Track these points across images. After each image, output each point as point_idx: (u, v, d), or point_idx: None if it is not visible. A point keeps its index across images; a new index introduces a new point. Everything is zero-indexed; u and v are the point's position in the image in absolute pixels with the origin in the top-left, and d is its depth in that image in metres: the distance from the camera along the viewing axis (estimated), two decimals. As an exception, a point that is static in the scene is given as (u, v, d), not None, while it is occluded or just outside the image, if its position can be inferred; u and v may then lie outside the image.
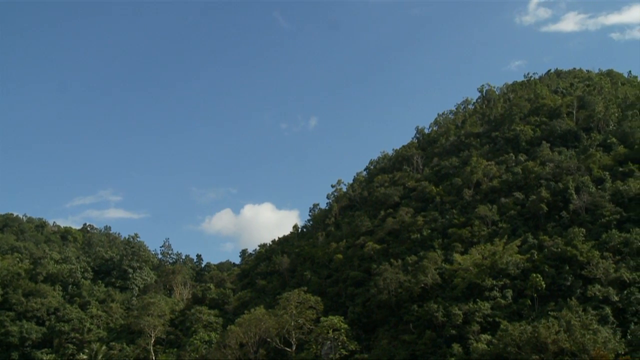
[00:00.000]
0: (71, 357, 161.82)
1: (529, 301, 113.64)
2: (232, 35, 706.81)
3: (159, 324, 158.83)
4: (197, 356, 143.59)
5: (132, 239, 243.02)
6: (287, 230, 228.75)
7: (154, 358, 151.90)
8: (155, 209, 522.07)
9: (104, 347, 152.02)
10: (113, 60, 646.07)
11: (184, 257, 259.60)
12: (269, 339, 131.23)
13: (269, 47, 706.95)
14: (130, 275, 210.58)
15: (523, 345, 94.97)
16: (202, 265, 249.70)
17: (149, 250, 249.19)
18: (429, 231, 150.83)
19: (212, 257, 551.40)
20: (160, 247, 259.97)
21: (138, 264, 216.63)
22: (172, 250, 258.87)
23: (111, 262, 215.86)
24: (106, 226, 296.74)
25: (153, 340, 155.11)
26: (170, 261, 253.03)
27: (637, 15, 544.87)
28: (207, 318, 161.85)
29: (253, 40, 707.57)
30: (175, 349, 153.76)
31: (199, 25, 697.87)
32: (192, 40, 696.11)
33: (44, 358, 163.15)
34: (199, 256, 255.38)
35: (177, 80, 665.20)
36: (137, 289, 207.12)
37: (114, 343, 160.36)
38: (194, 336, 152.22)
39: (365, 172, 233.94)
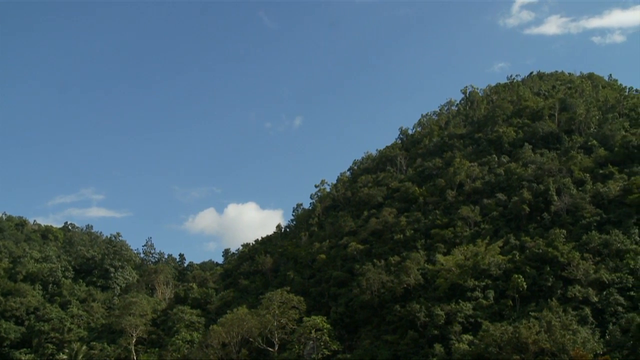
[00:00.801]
0: (51, 357, 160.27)
1: (511, 302, 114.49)
2: (217, 34, 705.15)
3: (141, 323, 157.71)
4: (179, 356, 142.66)
5: (114, 238, 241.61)
6: (271, 230, 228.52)
7: (135, 358, 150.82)
8: (138, 207, 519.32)
9: (84, 347, 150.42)
10: (97, 59, 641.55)
11: (166, 256, 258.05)
12: (251, 339, 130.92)
13: (254, 46, 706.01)
14: (112, 275, 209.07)
15: (504, 346, 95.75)
16: (185, 265, 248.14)
17: (131, 250, 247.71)
18: (412, 232, 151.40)
19: (195, 257, 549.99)
20: (143, 246, 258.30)
21: (120, 263, 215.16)
22: (154, 249, 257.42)
23: (93, 261, 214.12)
24: (88, 225, 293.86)
25: (134, 340, 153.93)
26: (153, 260, 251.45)
27: (617, 19, 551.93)
28: (190, 318, 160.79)
29: (238, 40, 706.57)
30: (157, 349, 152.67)
31: (184, 24, 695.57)
32: (176, 40, 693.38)
33: (23, 358, 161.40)
34: (181, 255, 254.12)
35: (161, 80, 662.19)
36: (118, 288, 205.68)
37: (94, 343, 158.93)
38: (176, 336, 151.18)
39: (348, 173, 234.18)
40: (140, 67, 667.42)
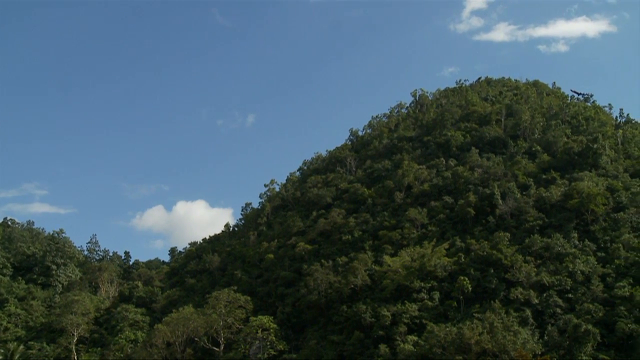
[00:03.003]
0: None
1: (455, 303, 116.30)
2: (170, 30, 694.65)
3: (83, 322, 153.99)
4: (121, 355, 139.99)
5: (57, 235, 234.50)
6: (221, 229, 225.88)
7: (75, 357, 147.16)
8: (83, 204, 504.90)
9: (21, 347, 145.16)
10: (44, 55, 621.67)
11: (111, 253, 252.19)
12: (196, 339, 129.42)
13: (207, 43, 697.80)
14: (54, 272, 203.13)
15: (448, 346, 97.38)
16: (130, 263, 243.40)
17: (75, 247, 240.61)
18: (360, 233, 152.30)
19: (141, 255, 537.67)
20: (87, 243, 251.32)
21: (62, 261, 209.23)
22: (99, 246, 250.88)
23: (33, 258, 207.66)
24: (29, 221, 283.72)
25: (75, 339, 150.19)
26: (97, 258, 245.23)
27: (561, 29, 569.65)
28: (134, 316, 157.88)
29: (191, 37, 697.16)
30: (99, 348, 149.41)
31: (136, 20, 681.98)
32: (128, 35, 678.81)
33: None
34: (127, 253, 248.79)
35: (112, 76, 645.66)
36: (60, 286, 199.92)
37: (32, 342, 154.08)
38: (119, 335, 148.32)
39: (298, 173, 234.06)
40: (90, 63, 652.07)
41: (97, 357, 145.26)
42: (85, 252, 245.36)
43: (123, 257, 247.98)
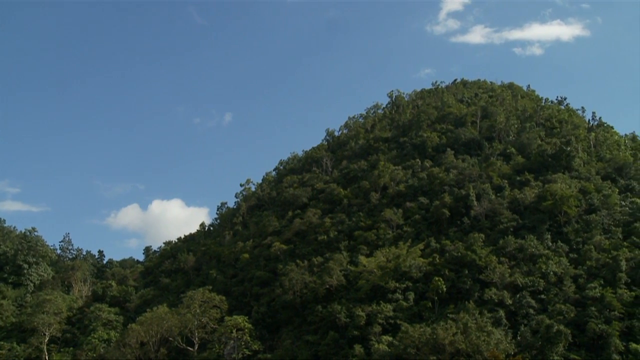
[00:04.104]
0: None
1: (430, 303, 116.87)
2: (147, 29, 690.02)
3: (55, 322, 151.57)
4: (94, 355, 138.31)
5: (29, 233, 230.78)
6: (196, 228, 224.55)
7: (47, 357, 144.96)
8: (57, 202, 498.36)
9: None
10: (20, 54, 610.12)
11: (84, 252, 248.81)
12: (171, 338, 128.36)
13: (184, 41, 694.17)
14: (25, 271, 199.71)
15: (422, 347, 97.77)
16: (104, 262, 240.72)
17: (47, 245, 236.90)
18: (336, 233, 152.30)
19: (116, 254, 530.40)
20: (60, 242, 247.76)
21: (34, 259, 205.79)
22: (72, 245, 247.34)
23: (4, 257, 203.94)
24: (0, 219, 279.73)
25: (47, 339, 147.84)
26: (70, 257, 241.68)
27: (536, 33, 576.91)
28: (107, 316, 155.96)
29: (168, 35, 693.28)
30: (71, 348, 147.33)
31: (112, 18, 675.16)
32: (103, 34, 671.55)
33: None
34: (100, 252, 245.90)
35: (87, 74, 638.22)
36: (32, 285, 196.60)
37: (2, 342, 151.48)
38: (92, 335, 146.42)
39: (274, 172, 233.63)
40: (65, 61, 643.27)
41: (69, 357, 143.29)
42: (58, 251, 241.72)
43: (97, 256, 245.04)
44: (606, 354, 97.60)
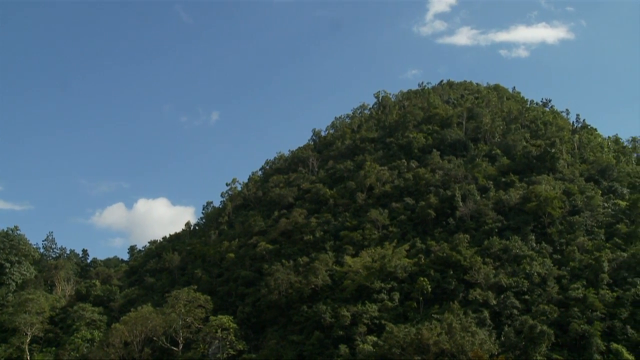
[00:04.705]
0: None
1: (415, 304, 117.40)
2: (133, 26, 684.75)
3: (37, 321, 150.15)
4: (77, 355, 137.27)
5: (11, 232, 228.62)
6: (182, 227, 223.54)
7: (28, 357, 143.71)
8: (41, 200, 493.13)
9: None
10: (5, 52, 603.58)
11: (68, 251, 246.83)
12: (155, 338, 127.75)
13: (171, 39, 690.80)
14: (7, 270, 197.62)
15: (407, 347, 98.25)
16: (88, 261, 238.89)
17: (30, 244, 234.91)
18: (322, 233, 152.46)
19: (100, 253, 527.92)
20: (43, 241, 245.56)
21: (17, 258, 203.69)
22: (55, 244, 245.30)
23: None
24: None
25: (29, 339, 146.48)
26: (54, 256, 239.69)
27: (522, 35, 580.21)
28: (91, 316, 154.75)
29: (154, 33, 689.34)
30: (54, 348, 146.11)
31: (98, 17, 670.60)
32: (89, 31, 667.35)
33: None
34: (84, 251, 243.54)
35: (71, 72, 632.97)
36: (14, 284, 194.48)
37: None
38: (75, 334, 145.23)
39: (260, 172, 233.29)
40: (50, 59, 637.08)
41: (52, 357, 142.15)
42: (41, 250, 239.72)
43: (81, 256, 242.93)
44: (588, 354, 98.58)
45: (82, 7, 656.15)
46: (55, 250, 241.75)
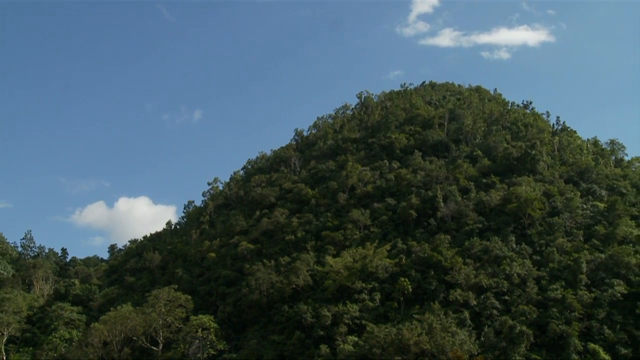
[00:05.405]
0: None
1: (396, 304, 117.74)
2: (116, 25, 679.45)
3: (14, 321, 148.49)
4: (55, 355, 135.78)
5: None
6: (163, 226, 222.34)
7: (4, 358, 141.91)
8: (19, 199, 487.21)
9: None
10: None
11: (47, 250, 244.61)
12: (135, 338, 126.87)
13: (154, 38, 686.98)
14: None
15: (387, 347, 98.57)
16: (67, 260, 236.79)
17: (8, 243, 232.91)
18: (303, 233, 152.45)
19: (80, 252, 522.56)
20: (22, 239, 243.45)
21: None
22: (34, 243, 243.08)
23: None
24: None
25: (5, 338, 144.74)
26: (32, 255, 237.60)
27: (504, 37, 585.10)
28: (69, 315, 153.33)
29: (137, 31, 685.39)
30: (31, 348, 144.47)
31: (81, 13, 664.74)
32: (72, 28, 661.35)
33: None
34: (64, 250, 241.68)
35: (53, 70, 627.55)
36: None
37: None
38: (53, 334, 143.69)
39: (242, 172, 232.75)
40: (32, 56, 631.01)
41: (29, 357, 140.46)
42: (19, 249, 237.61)
43: (60, 254, 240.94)
44: (566, 354, 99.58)
45: (63, 6, 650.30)
46: (33, 249, 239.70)
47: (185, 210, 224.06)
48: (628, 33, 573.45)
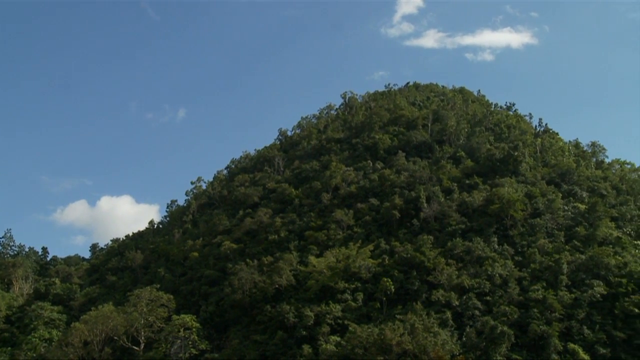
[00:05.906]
0: None
1: (379, 304, 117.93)
2: (99, 23, 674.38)
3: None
4: (34, 355, 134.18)
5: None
6: (146, 225, 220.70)
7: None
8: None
9: None
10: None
11: (27, 249, 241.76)
12: (116, 337, 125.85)
13: (138, 36, 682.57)
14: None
15: (369, 347, 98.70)
16: (48, 259, 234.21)
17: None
18: (286, 233, 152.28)
19: (61, 251, 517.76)
20: (1, 237, 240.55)
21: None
22: (13, 241, 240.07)
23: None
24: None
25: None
26: (11, 253, 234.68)
27: (488, 39, 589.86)
28: (49, 314, 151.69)
29: (121, 29, 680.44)
30: (10, 348, 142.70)
31: (65, 11, 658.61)
32: (56, 26, 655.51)
33: None
34: (44, 249, 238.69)
35: (36, 68, 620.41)
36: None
37: None
38: (32, 334, 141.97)
39: (226, 171, 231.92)
40: (13, 55, 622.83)
41: (7, 357, 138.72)
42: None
43: (40, 253, 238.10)
44: (546, 354, 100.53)
45: (46, 4, 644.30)
46: (13, 247, 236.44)
47: (168, 210, 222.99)
48: (609, 36, 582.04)
